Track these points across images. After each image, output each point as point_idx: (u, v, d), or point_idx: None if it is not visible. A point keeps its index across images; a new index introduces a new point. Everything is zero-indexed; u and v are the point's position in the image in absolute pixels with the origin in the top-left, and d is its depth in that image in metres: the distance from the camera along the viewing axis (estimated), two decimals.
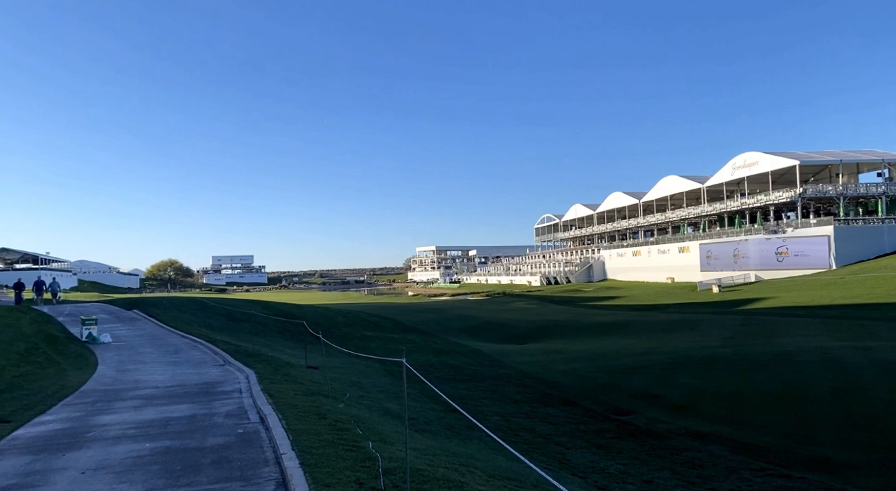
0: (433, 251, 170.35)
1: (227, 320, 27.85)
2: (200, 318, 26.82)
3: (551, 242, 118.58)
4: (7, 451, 6.22)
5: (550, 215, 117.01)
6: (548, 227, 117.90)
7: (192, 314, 27.36)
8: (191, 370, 12.75)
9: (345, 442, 6.13)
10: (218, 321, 26.91)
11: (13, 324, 18.89)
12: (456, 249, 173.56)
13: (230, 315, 29.52)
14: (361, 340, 25.28)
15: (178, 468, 5.42)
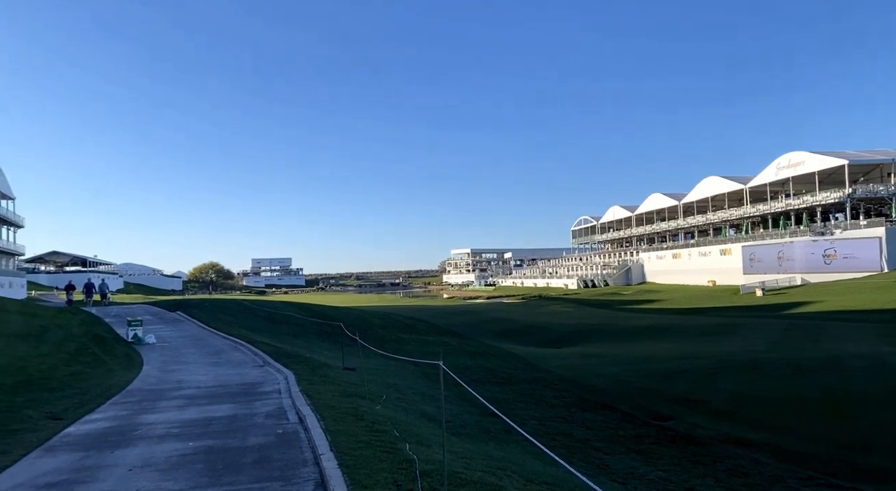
0: (468, 254, 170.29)
1: (267, 322, 28.35)
2: (241, 319, 27.36)
3: (588, 245, 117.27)
4: (59, 447, 6.44)
5: (587, 217, 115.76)
6: (585, 229, 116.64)
7: (233, 316, 27.93)
8: (232, 371, 13.01)
9: (382, 444, 6.16)
10: (258, 323, 27.42)
11: (64, 325, 19.59)
12: (491, 251, 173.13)
13: (270, 317, 30.05)
14: (397, 342, 25.42)
15: (220, 467, 5.53)
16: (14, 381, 9.94)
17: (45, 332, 17.43)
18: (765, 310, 41.42)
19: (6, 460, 5.82)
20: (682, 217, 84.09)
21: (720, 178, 75.58)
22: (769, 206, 67.30)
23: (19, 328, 17.20)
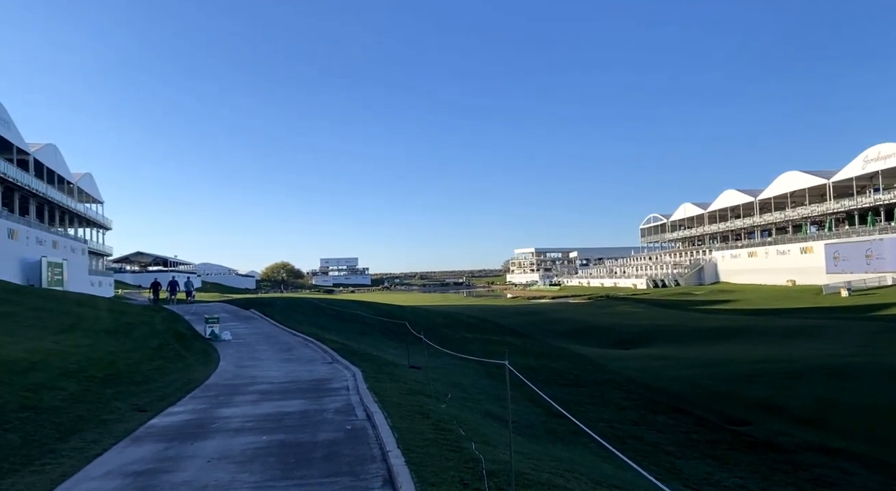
0: (532, 253, 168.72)
1: (335, 320, 29.02)
2: (311, 317, 28.13)
3: (658, 243, 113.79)
4: (145, 438, 6.80)
5: (657, 215, 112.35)
6: (654, 227, 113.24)
7: (303, 314, 28.76)
8: (302, 367, 13.38)
9: (448, 442, 6.17)
10: (327, 321, 28.12)
11: (147, 321, 20.71)
12: (556, 250, 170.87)
13: (338, 315, 30.75)
14: (461, 341, 25.47)
15: (292, 461, 5.69)
16: (105, 374, 10.59)
17: (131, 328, 18.48)
18: (851, 311, 38.92)
19: (98, 449, 6.19)
20: (758, 214, 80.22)
21: (800, 172, 71.64)
22: (855, 202, 63.18)
23: (108, 325, 18.31)
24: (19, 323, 15.17)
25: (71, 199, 58.24)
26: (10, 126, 43.94)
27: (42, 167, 49.76)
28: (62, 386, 8.93)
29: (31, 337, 13.18)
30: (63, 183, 56.07)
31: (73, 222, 62.35)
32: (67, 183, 57.42)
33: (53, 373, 9.61)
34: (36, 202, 49.65)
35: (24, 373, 9.10)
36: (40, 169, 49.37)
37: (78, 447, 6.21)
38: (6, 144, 42.79)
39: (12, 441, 6.15)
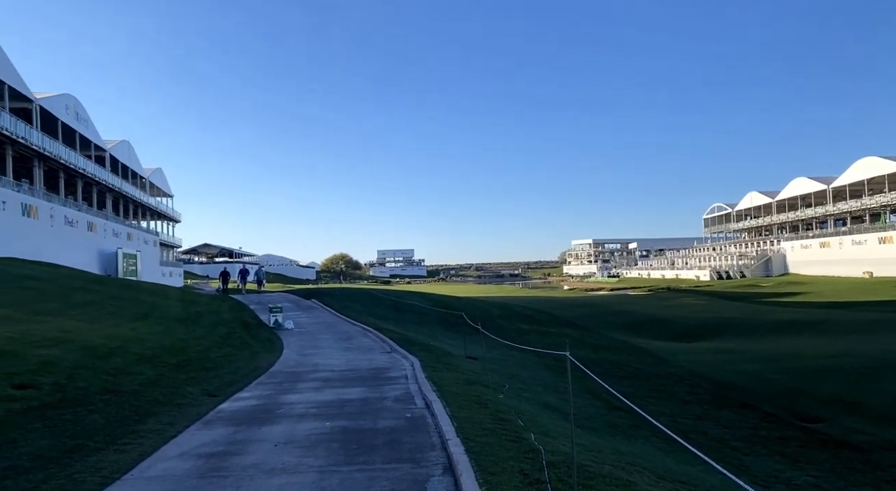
0: (590, 244, 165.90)
1: (393, 310, 29.42)
2: (369, 307, 28.62)
3: (722, 234, 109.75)
4: (215, 422, 7.11)
5: (722, 204, 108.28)
6: (718, 217, 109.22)
7: (362, 304, 29.28)
8: (361, 356, 13.66)
9: (507, 432, 6.18)
10: (384, 311, 28.55)
11: (215, 310, 21.59)
12: (614, 241, 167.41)
13: (395, 305, 31.16)
14: (518, 332, 25.36)
15: (354, 447, 5.83)
16: (177, 360, 11.12)
17: (200, 317, 19.31)
18: None
19: (173, 431, 6.52)
20: (831, 202, 76.07)
21: (879, 158, 67.37)
22: None
23: (179, 313, 19.19)
24: (100, 310, 16.09)
25: (143, 193, 61.18)
26: (89, 124, 46.46)
27: (117, 163, 52.47)
28: (139, 371, 9.43)
29: (110, 324, 13.96)
30: (136, 178, 58.96)
31: (145, 215, 65.52)
32: (140, 177, 60.34)
33: (131, 358, 10.16)
34: (112, 196, 52.41)
35: (105, 358, 9.67)
36: (115, 164, 52.07)
37: (155, 429, 6.56)
38: (85, 142, 45.30)
39: (97, 422, 6.56)
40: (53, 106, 39.43)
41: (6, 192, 30.75)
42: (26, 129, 35.27)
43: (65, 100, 41.88)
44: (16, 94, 35.16)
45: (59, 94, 41.28)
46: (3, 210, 29.72)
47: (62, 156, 39.82)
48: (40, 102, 37.80)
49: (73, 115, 42.84)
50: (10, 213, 30.44)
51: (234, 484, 4.74)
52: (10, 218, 30.25)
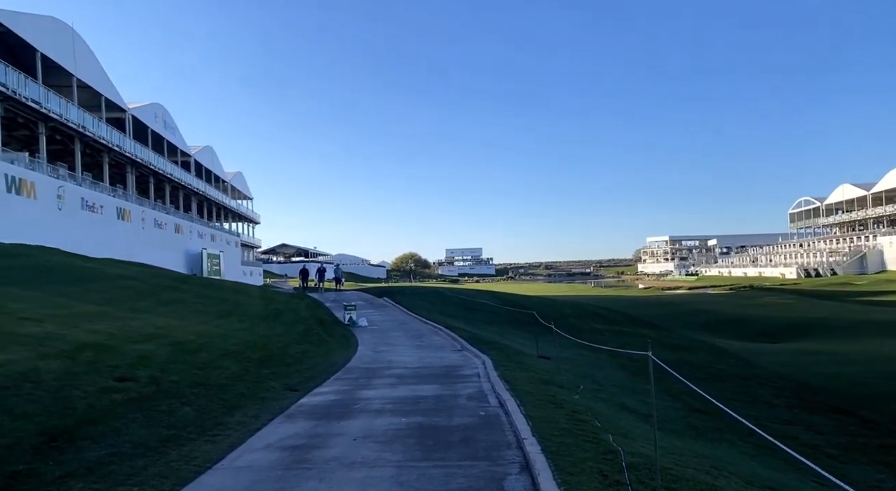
0: (666, 241, 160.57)
1: (462, 309, 29.54)
2: (438, 306, 28.88)
3: (810, 229, 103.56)
4: (297, 415, 7.38)
5: (809, 198, 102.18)
6: (806, 211, 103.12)
7: (432, 302, 29.58)
8: (433, 354, 13.79)
9: (583, 433, 6.08)
10: (454, 309, 28.71)
11: (294, 308, 22.38)
12: (692, 238, 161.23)
13: (464, 304, 31.28)
14: (591, 332, 24.89)
15: (430, 443, 5.90)
16: (260, 355, 11.61)
17: (279, 314, 20.08)
18: None
19: (258, 423, 6.82)
20: None
21: None
22: None
23: (260, 311, 20.02)
24: (187, 308, 17.02)
25: (225, 195, 64.21)
26: (175, 131, 49.22)
27: (201, 167, 55.33)
28: (225, 365, 9.91)
29: (197, 321, 14.75)
30: (218, 181, 61.96)
31: (227, 217, 68.74)
32: (222, 181, 63.36)
33: (217, 353, 10.69)
34: (196, 199, 55.31)
35: (194, 353, 10.22)
36: (199, 169, 54.93)
37: (241, 421, 6.87)
38: (172, 148, 48.04)
39: (188, 414, 6.95)
40: (144, 115, 42.05)
41: (103, 197, 33.04)
42: (120, 137, 37.79)
43: (154, 109, 44.57)
44: (111, 105, 37.73)
45: (149, 103, 43.97)
46: (101, 214, 31.95)
47: (152, 162, 42.39)
48: (132, 112, 40.39)
49: (161, 122, 45.52)
50: (107, 216, 32.69)
51: (317, 476, 4.91)
52: (106, 221, 32.49)
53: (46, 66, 30.09)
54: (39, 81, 29.10)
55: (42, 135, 30.44)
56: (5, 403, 5.74)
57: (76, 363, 7.64)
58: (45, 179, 27.51)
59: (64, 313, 11.20)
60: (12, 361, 6.98)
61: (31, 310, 10.68)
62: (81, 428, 5.71)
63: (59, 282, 15.74)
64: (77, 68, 33.15)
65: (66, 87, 32.44)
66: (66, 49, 32.11)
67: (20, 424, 5.41)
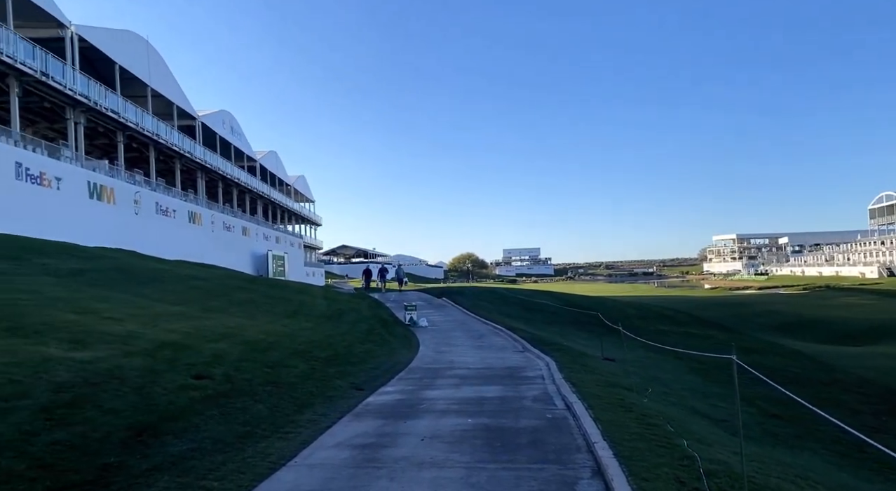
0: (733, 240, 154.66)
1: (521, 309, 29.32)
2: (497, 306, 28.75)
3: (893, 225, 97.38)
4: (364, 414, 7.49)
5: (891, 193, 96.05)
6: (888, 207, 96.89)
7: (490, 303, 29.49)
8: (494, 355, 13.73)
9: (656, 437, 5.91)
10: (513, 310, 28.53)
11: (356, 308, 22.77)
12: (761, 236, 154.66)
13: (523, 304, 31.04)
14: (656, 333, 24.19)
15: (497, 445, 5.86)
16: (326, 354, 11.86)
17: (342, 314, 20.46)
18: None
19: (327, 421, 6.96)
20: None
21: None
22: None
23: (324, 311, 20.47)
24: (256, 308, 17.59)
25: (289, 199, 66.08)
26: (242, 137, 51.04)
27: (266, 171, 57.14)
28: (294, 364, 10.17)
29: (265, 320, 15.21)
30: (282, 185, 63.84)
31: (290, 220, 70.72)
32: (285, 184, 65.24)
33: (286, 352, 10.99)
34: (262, 203, 57.15)
35: (264, 351, 10.54)
36: (265, 173, 56.75)
37: (312, 419, 7.03)
38: (239, 153, 49.84)
39: (262, 411, 7.17)
40: (212, 122, 43.82)
41: (175, 201, 34.61)
42: (191, 143, 39.51)
43: (222, 116, 46.37)
44: (182, 113, 39.49)
45: (217, 110, 45.78)
46: (174, 218, 33.48)
47: (220, 167, 44.10)
48: (202, 119, 42.15)
49: (228, 129, 47.31)
50: (179, 220, 34.22)
51: (388, 475, 4.96)
52: (178, 224, 34.02)
53: (124, 77, 31.79)
54: (118, 92, 30.77)
55: (120, 143, 32.19)
56: (95, 399, 6.07)
57: (156, 361, 8.02)
58: (124, 186, 29.05)
59: (143, 313, 11.77)
60: (100, 359, 7.38)
61: (113, 310, 11.28)
62: (164, 424, 5.98)
63: (138, 283, 16.57)
64: (151, 79, 34.86)
65: (142, 97, 34.17)
66: (141, 61, 33.83)
67: (109, 419, 5.71)
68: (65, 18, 26.97)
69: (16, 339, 7.62)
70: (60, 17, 26.69)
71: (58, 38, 26.94)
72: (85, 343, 8.06)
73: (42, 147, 24.66)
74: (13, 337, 7.69)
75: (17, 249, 16.39)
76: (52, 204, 23.13)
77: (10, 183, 21.02)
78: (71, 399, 5.86)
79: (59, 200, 23.63)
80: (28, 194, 21.88)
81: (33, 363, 6.55)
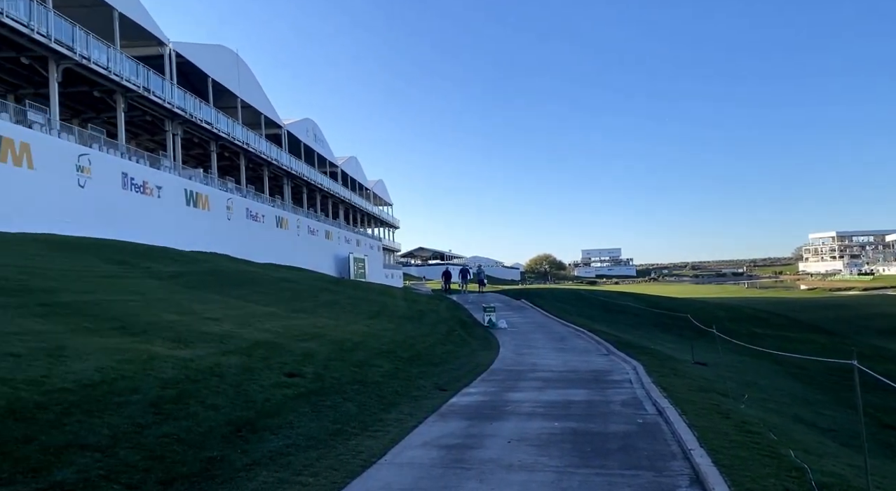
0: (833, 237, 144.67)
1: (603, 311, 28.64)
2: (578, 308, 28.23)
3: None
4: (449, 415, 7.52)
5: None
6: None
7: (571, 304, 28.99)
8: (577, 357, 13.47)
9: (758, 446, 5.58)
10: (594, 312, 27.91)
11: (435, 309, 22.99)
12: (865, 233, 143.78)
13: (605, 306, 30.32)
14: (749, 336, 22.96)
15: (587, 450, 5.72)
16: (408, 355, 12.04)
17: (422, 315, 20.71)
18: None
19: (413, 421, 7.04)
20: None
21: None
22: None
23: (405, 312, 20.80)
24: (341, 309, 18.11)
25: (368, 203, 67.72)
26: (324, 144, 52.80)
27: (346, 176, 58.83)
28: (379, 364, 10.38)
29: (350, 321, 15.63)
30: (362, 189, 65.52)
31: (370, 223, 72.43)
32: (365, 189, 66.90)
33: (371, 352, 11.24)
34: (343, 207, 58.86)
35: (350, 351, 10.83)
36: (345, 178, 58.43)
37: (398, 419, 7.14)
38: (321, 160, 51.59)
39: (351, 409, 7.35)
40: (297, 130, 45.61)
41: (264, 207, 36.23)
42: (278, 151, 41.27)
43: (305, 124, 48.17)
44: (269, 122, 41.32)
45: (301, 119, 47.59)
46: (263, 223, 35.06)
47: (304, 173, 45.80)
48: (287, 128, 43.94)
49: (311, 136, 49.08)
50: (268, 225, 35.80)
51: (477, 477, 4.94)
52: (267, 229, 35.59)
53: (216, 89, 33.63)
54: (211, 104, 32.60)
55: (213, 152, 34.08)
56: (198, 395, 6.43)
57: (252, 359, 8.39)
58: (217, 193, 30.72)
59: (238, 313, 12.38)
60: (200, 357, 7.81)
61: (211, 310, 11.93)
62: (261, 420, 6.24)
63: (231, 285, 17.45)
64: (241, 90, 36.70)
65: (232, 108, 36.02)
66: (231, 73, 35.67)
67: (210, 414, 6.03)
68: (164, 36, 28.86)
69: (126, 337, 8.20)
70: (160, 35, 28.59)
71: (157, 56, 28.86)
72: (186, 342, 8.56)
73: (144, 158, 26.49)
74: (124, 336, 8.28)
75: (124, 254, 17.66)
76: (154, 211, 24.78)
77: (117, 192, 22.71)
78: (176, 395, 6.23)
79: (160, 207, 25.28)
80: (133, 202, 23.55)
81: (141, 360, 7.01)
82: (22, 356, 6.09)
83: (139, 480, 4.31)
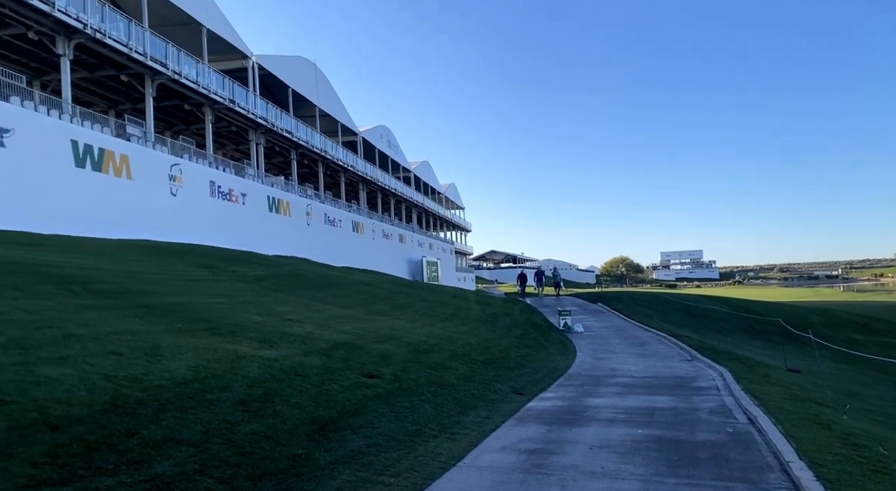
0: None
1: (685, 315, 27.56)
2: (658, 312, 27.29)
3: None
4: (527, 419, 7.42)
5: None
6: None
7: (651, 308, 28.06)
8: (659, 363, 13.01)
9: (867, 461, 5.17)
10: (675, 316, 26.91)
11: (509, 313, 22.84)
12: None
13: (687, 310, 29.14)
14: (848, 343, 21.44)
15: (675, 458, 5.48)
16: (484, 358, 12.00)
17: (496, 318, 20.62)
18: None
19: (491, 424, 6.98)
20: None
21: None
22: None
23: (479, 315, 20.77)
24: (416, 311, 18.31)
25: (440, 206, 68.27)
26: (398, 149, 53.70)
27: (419, 181, 59.58)
28: (454, 366, 10.39)
29: (425, 323, 15.76)
30: (434, 193, 66.13)
31: (441, 226, 72.99)
32: (437, 193, 67.51)
33: (446, 354, 11.27)
34: (416, 211, 59.63)
35: (426, 353, 10.90)
36: (418, 183, 59.19)
37: (476, 422, 7.11)
38: (395, 165, 52.53)
39: (428, 411, 7.38)
40: (372, 137, 46.66)
41: (341, 212, 37.25)
42: (353, 158, 42.37)
43: (380, 131, 49.19)
44: (346, 130, 42.50)
45: (376, 126, 48.65)
46: (340, 227, 36.06)
47: (379, 179, 46.76)
48: (363, 135, 45.04)
49: (385, 143, 50.06)
50: (345, 229, 36.79)
51: (558, 483, 4.83)
52: (344, 233, 36.57)
53: (295, 99, 34.94)
54: (291, 114, 33.87)
55: (293, 160, 35.37)
56: (283, 394, 6.63)
57: (332, 360, 8.60)
58: (297, 199, 31.86)
59: (318, 316, 12.74)
60: (284, 357, 8.07)
61: (293, 312, 12.34)
62: (343, 419, 6.37)
63: (311, 287, 18.01)
64: (319, 100, 37.94)
65: (311, 117, 37.29)
66: (310, 83, 36.95)
67: (295, 413, 6.20)
68: (247, 50, 30.28)
69: (215, 337, 8.59)
70: (244, 49, 30.02)
71: (241, 68, 30.33)
72: (271, 342, 8.88)
73: (230, 167, 27.84)
74: (213, 336, 8.68)
75: (212, 258, 18.58)
76: (239, 217, 25.99)
77: (205, 200, 23.98)
78: (263, 393, 6.45)
79: (245, 214, 26.49)
80: (220, 209, 24.79)
81: (230, 360, 7.31)
82: (123, 354, 6.49)
83: (230, 475, 4.48)
